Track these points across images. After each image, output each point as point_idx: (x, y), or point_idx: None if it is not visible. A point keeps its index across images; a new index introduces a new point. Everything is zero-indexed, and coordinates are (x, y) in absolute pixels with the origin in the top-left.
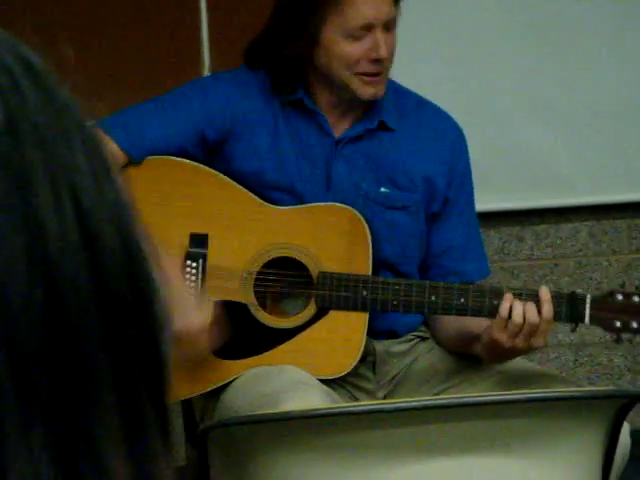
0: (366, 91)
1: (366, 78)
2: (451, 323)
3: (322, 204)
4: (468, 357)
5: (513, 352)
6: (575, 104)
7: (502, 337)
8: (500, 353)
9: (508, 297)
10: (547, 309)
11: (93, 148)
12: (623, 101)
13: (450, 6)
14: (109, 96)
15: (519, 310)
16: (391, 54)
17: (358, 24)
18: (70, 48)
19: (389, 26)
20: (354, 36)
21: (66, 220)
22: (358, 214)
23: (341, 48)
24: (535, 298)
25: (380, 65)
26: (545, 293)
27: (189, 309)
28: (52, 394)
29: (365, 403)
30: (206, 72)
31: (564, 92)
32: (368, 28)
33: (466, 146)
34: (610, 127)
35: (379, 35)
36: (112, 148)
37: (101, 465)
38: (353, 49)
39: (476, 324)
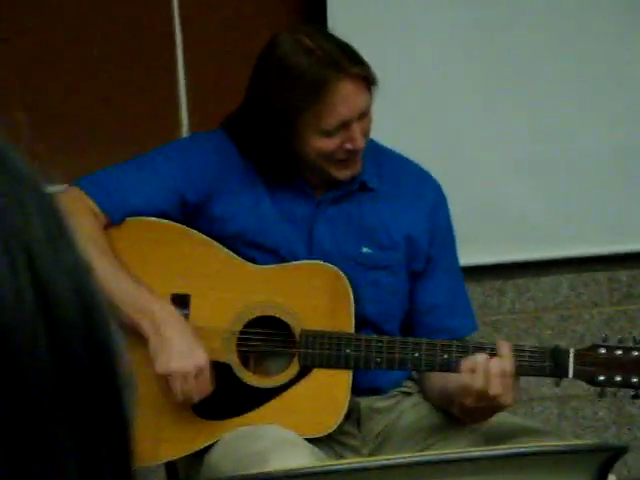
0: (343, 174)
1: (343, 164)
2: (435, 381)
3: (303, 262)
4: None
5: (486, 413)
6: (554, 157)
7: (468, 401)
8: (473, 414)
9: (466, 365)
10: (509, 364)
11: (50, 214)
12: (602, 154)
13: (427, 60)
14: (86, 156)
15: (480, 375)
16: (367, 136)
17: (334, 124)
18: (23, 114)
19: (365, 113)
20: (329, 134)
21: (22, 288)
22: (339, 271)
23: (317, 144)
24: (483, 352)
25: (355, 153)
26: (504, 348)
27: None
28: (10, 468)
29: (349, 461)
30: (184, 132)
31: (543, 146)
32: (344, 124)
33: (446, 203)
34: (589, 180)
35: (355, 128)
36: (91, 205)
37: None
38: (329, 144)
39: (454, 384)
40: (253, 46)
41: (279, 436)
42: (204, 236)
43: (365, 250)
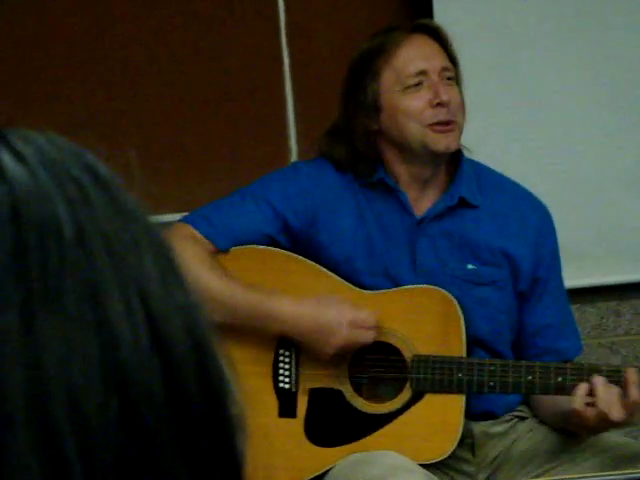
0: (439, 142)
1: (437, 127)
2: (547, 402)
3: (412, 287)
4: (570, 436)
5: (604, 429)
6: None
7: (588, 422)
8: (591, 429)
9: (579, 394)
10: (635, 392)
11: (161, 253)
12: None
13: (525, 68)
14: (196, 188)
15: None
16: (457, 105)
17: (410, 73)
18: (134, 152)
19: (447, 77)
20: (412, 88)
21: (137, 327)
22: (449, 295)
23: (403, 103)
24: (620, 379)
25: (446, 111)
26: (632, 374)
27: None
28: None
29: None
30: (293, 158)
31: None
32: (423, 75)
33: (552, 225)
34: None
35: (436, 80)
36: (196, 235)
37: None
38: (415, 100)
39: (566, 400)
40: None
41: (393, 462)
42: (312, 262)
43: (470, 267)
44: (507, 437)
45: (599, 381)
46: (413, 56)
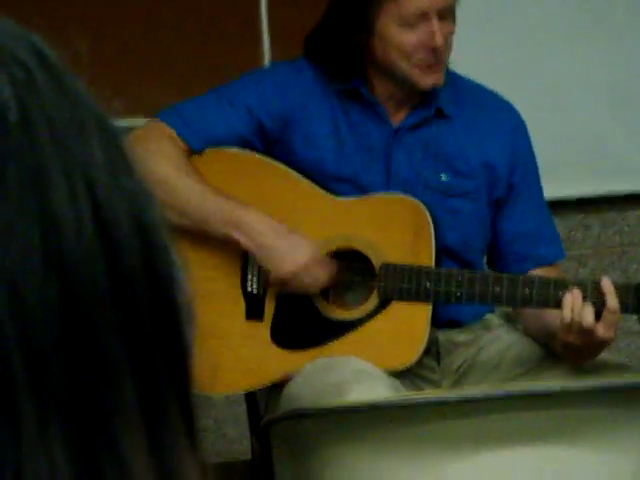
0: (425, 81)
1: (425, 67)
2: (533, 317)
3: (384, 194)
4: (535, 345)
5: (591, 349)
6: None
7: (570, 338)
8: (579, 352)
9: (567, 302)
10: (611, 301)
11: (109, 140)
12: None
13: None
14: (166, 88)
15: (577, 311)
16: (448, 43)
17: (413, 12)
18: (84, 42)
19: (445, 15)
20: (409, 25)
21: (81, 213)
22: (421, 205)
23: (397, 37)
24: (598, 290)
25: (437, 54)
26: (607, 285)
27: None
28: (70, 391)
29: (428, 392)
30: (266, 63)
31: (631, 77)
32: (423, 16)
33: (526, 130)
34: None
35: (435, 24)
36: (170, 133)
37: (122, 462)
38: (409, 38)
39: (554, 320)
40: None
41: (358, 368)
42: (286, 167)
43: (443, 177)
44: (472, 346)
45: (574, 293)
46: None
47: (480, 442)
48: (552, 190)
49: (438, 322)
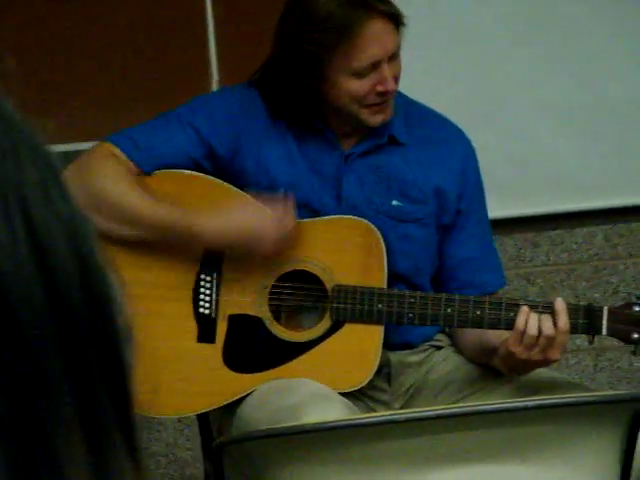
0: (375, 120)
1: (375, 108)
2: (471, 335)
3: (335, 217)
4: (484, 366)
5: (530, 365)
6: (588, 107)
7: (518, 350)
8: (517, 366)
9: (524, 310)
10: (563, 321)
11: (43, 161)
12: (636, 102)
13: (454, 8)
14: (116, 113)
15: (534, 323)
16: (397, 80)
17: (365, 64)
18: (13, 60)
19: (394, 55)
20: (360, 75)
21: (16, 235)
22: (372, 226)
23: (349, 86)
24: (550, 310)
25: (387, 95)
26: (560, 305)
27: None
28: (10, 412)
29: (378, 414)
30: (214, 86)
31: (576, 95)
32: (374, 65)
33: (475, 157)
34: (624, 129)
35: (386, 69)
36: (120, 157)
37: None
38: (361, 86)
39: (496, 336)
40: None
41: (312, 390)
42: (237, 189)
43: (395, 203)
44: (422, 366)
45: (525, 309)
46: (369, 47)
47: (432, 460)
48: (501, 209)
49: (390, 344)
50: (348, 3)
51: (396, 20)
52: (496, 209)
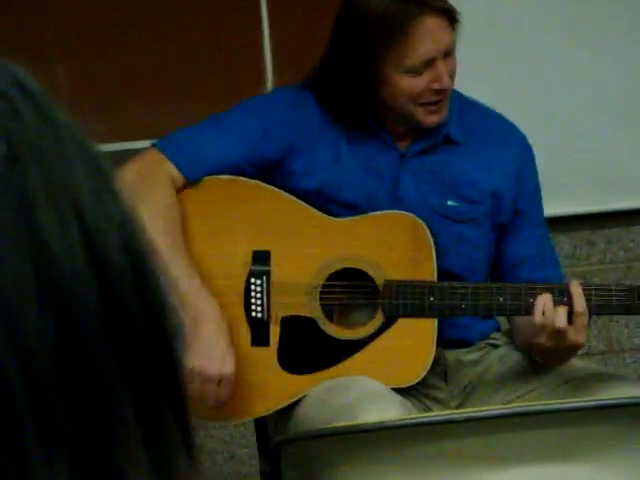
0: (431, 120)
1: (430, 107)
2: (519, 327)
3: (382, 212)
4: (541, 364)
5: (559, 354)
6: None
7: (542, 341)
8: (549, 356)
9: (539, 302)
10: (579, 303)
11: (95, 167)
12: None
13: (506, 7)
14: (168, 112)
15: (550, 312)
16: (452, 78)
17: (419, 61)
18: (63, 67)
19: (449, 52)
20: (416, 71)
21: (72, 241)
22: (418, 219)
23: (404, 84)
24: (566, 294)
25: (443, 93)
26: (575, 287)
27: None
28: (72, 423)
29: (438, 413)
30: (269, 87)
31: (633, 90)
32: (429, 62)
33: (533, 156)
34: None
35: (440, 66)
36: (169, 169)
37: None
38: (416, 83)
39: (529, 325)
40: (339, 1)
41: (367, 388)
42: (281, 191)
43: (450, 203)
44: (479, 365)
45: (546, 297)
46: (423, 43)
47: (487, 461)
48: (556, 206)
49: (446, 342)
50: (400, 1)
51: (450, 16)
52: (552, 207)
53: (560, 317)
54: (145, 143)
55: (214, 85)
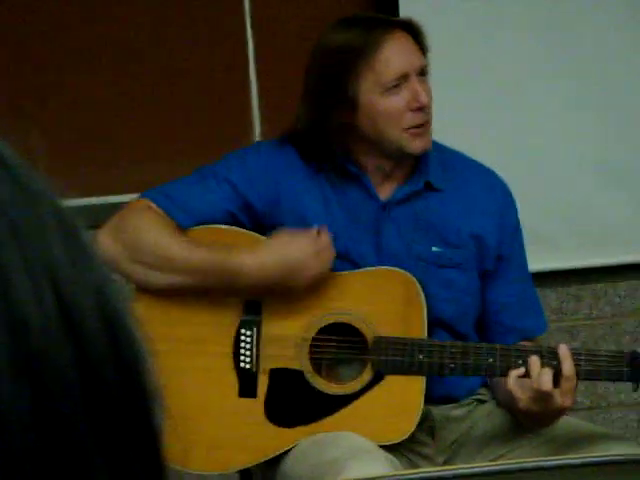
0: (416, 145)
1: (413, 131)
2: (499, 387)
3: (373, 268)
4: None
5: (543, 418)
6: (630, 159)
7: (524, 401)
8: (533, 419)
9: (531, 363)
10: (568, 366)
11: (71, 234)
12: None
13: (495, 58)
14: (156, 164)
15: (539, 376)
16: (431, 102)
17: (392, 76)
18: (41, 135)
19: (422, 74)
20: (391, 89)
21: (48, 312)
22: (410, 276)
23: (382, 105)
24: (555, 357)
25: (424, 114)
26: (564, 351)
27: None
28: None
29: (426, 470)
30: (257, 138)
31: (618, 147)
32: (403, 78)
33: (514, 203)
34: None
35: (415, 83)
36: (158, 210)
37: None
38: (394, 103)
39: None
40: None
41: (355, 444)
42: None
43: (435, 249)
44: (466, 420)
45: (533, 359)
46: (394, 59)
47: None
48: (543, 261)
49: (432, 397)
50: (364, 27)
51: (415, 33)
52: (538, 262)
53: (545, 379)
54: (130, 196)
55: (201, 139)
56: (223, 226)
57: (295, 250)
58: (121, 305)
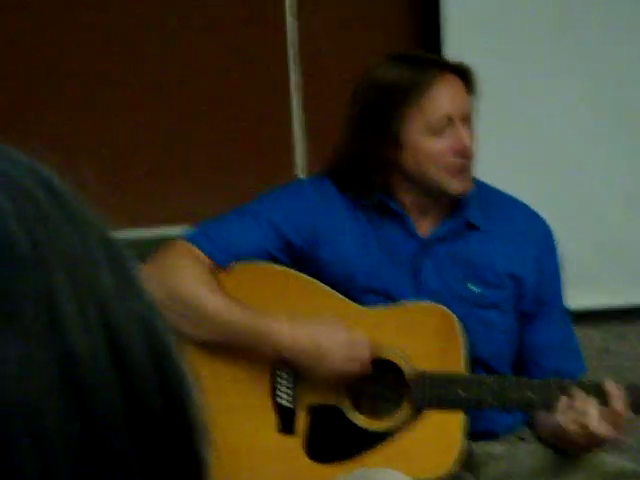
0: (456, 186)
1: (455, 172)
2: (544, 421)
3: (412, 303)
4: (568, 456)
5: (593, 447)
6: None
7: (579, 440)
8: (575, 444)
9: (563, 399)
10: (617, 403)
11: (119, 265)
12: None
13: (538, 91)
14: (200, 197)
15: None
16: (474, 148)
17: (438, 117)
18: (90, 167)
19: (467, 120)
20: (437, 131)
21: (96, 342)
22: (449, 311)
23: (427, 145)
24: (600, 391)
25: (465, 158)
26: (612, 388)
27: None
28: None
29: None
30: (299, 173)
31: None
32: (449, 122)
33: (555, 243)
34: None
35: (460, 127)
36: (196, 253)
37: None
38: (438, 145)
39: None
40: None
41: None
42: (312, 280)
43: (473, 288)
44: (508, 458)
45: (578, 393)
46: (442, 101)
47: None
48: (587, 299)
49: (473, 433)
50: (415, 66)
51: (465, 78)
52: (581, 300)
53: (592, 417)
54: (169, 228)
55: (245, 171)
56: (262, 263)
57: (325, 337)
58: (167, 337)
